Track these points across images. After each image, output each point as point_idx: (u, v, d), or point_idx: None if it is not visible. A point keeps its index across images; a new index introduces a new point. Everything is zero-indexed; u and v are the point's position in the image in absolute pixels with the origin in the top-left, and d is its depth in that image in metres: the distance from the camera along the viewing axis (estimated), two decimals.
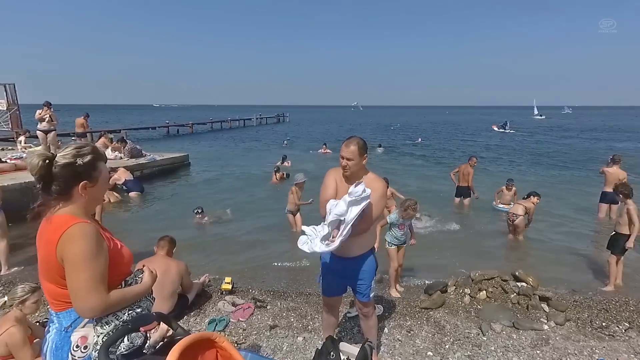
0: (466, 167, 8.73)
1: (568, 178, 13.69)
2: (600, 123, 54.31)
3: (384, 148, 22.41)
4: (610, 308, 4.11)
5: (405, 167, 15.98)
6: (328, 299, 2.99)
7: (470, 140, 29.77)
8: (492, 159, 18.08)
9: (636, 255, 5.21)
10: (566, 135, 33.35)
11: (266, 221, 7.89)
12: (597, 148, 23.31)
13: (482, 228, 7.78)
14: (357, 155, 2.58)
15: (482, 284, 4.40)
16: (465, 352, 3.27)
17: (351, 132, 36.40)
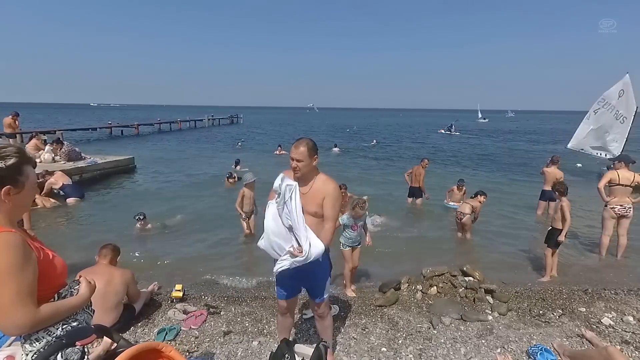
0: (418, 168, 9.06)
1: (510, 177, 14.65)
2: (538, 126, 58.74)
3: (340, 149, 22.76)
4: (546, 297, 4.43)
5: (361, 169, 16.30)
6: (283, 301, 2.96)
7: (421, 142, 30.98)
8: (441, 160, 18.92)
9: (568, 248, 5.66)
10: (508, 138, 35.66)
11: (219, 226, 7.68)
12: (535, 150, 25.20)
13: (433, 226, 8.10)
14: (307, 157, 2.57)
15: (433, 280, 4.58)
16: (417, 345, 3.37)
17: (307, 134, 36.58)
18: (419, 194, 9.14)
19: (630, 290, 4.71)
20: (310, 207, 2.62)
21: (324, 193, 2.62)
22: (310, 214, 2.63)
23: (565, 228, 5.08)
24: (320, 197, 2.62)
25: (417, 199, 9.19)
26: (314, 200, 2.63)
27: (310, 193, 2.64)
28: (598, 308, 4.19)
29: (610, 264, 5.94)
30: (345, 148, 24.16)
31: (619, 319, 3.94)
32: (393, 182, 12.36)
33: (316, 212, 2.62)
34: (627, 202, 5.87)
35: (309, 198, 2.63)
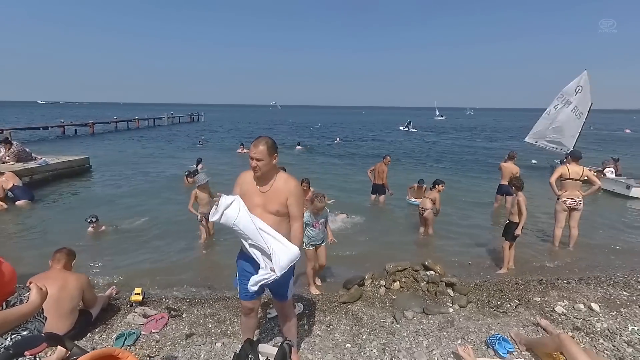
0: (381, 165, 9.18)
1: (468, 173, 15.16)
2: (495, 124, 61.22)
3: (303, 147, 22.79)
4: (504, 288, 4.61)
5: (324, 166, 16.35)
6: (246, 302, 2.90)
7: (381, 139, 31.46)
8: (402, 157, 19.27)
9: (524, 241, 5.90)
10: (467, 135, 36.91)
11: (178, 227, 7.44)
12: (492, 146, 26.22)
13: (396, 223, 8.25)
14: (266, 155, 2.53)
15: (396, 275, 4.64)
16: (381, 340, 3.41)
17: (269, 132, 36.50)
18: (382, 190, 9.28)
19: (581, 279, 4.99)
20: (272, 206, 2.59)
21: (286, 192, 2.58)
22: (272, 213, 2.59)
23: (522, 222, 5.30)
24: (283, 196, 2.58)
25: (381, 195, 9.32)
26: (275, 199, 2.59)
27: (270, 192, 2.60)
28: (552, 297, 4.39)
29: (563, 254, 6.26)
30: (308, 146, 24.22)
31: (571, 307, 4.16)
32: (357, 179, 12.48)
33: (278, 211, 2.58)
34: (577, 195, 6.22)
35: (270, 197, 2.59)
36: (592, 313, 4.02)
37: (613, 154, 15.45)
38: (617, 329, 3.67)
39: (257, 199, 2.60)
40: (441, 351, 3.25)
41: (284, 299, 2.84)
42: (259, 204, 2.59)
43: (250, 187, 2.67)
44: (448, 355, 3.19)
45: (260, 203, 2.60)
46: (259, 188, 2.62)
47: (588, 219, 7.81)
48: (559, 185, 6.31)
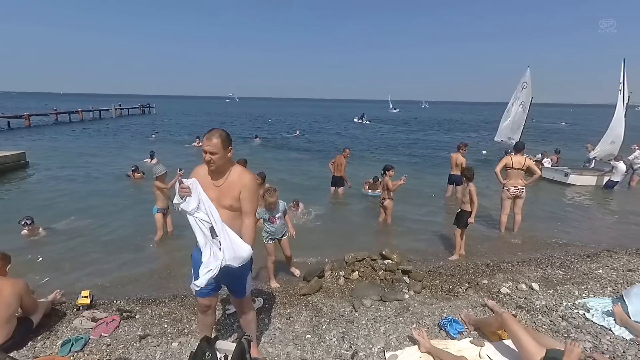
0: (340, 157, 9.27)
1: (421, 164, 15.71)
2: (447, 116, 63.60)
3: (261, 139, 22.54)
4: (455, 273, 4.86)
5: (283, 159, 16.28)
6: (203, 299, 2.84)
7: (339, 132, 31.78)
8: (359, 150, 19.49)
9: (473, 227, 6.19)
10: (420, 128, 38.02)
11: (127, 224, 7.16)
12: (444, 138, 27.28)
13: (355, 214, 8.40)
14: (220, 149, 2.46)
15: (354, 265, 4.74)
16: (340, 329, 3.48)
17: (226, 124, 35.79)
18: (341, 183, 9.39)
19: (523, 261, 5.36)
20: (225, 201, 2.53)
21: (240, 186, 2.54)
22: (225, 208, 2.53)
23: (474, 210, 5.58)
24: (237, 190, 2.53)
25: (340, 187, 9.44)
26: (229, 193, 2.54)
27: (225, 186, 2.55)
28: (498, 279, 4.69)
29: (508, 239, 6.67)
30: (267, 138, 24.01)
31: (515, 287, 4.46)
32: (316, 172, 12.56)
33: (231, 206, 2.54)
34: (520, 183, 6.64)
35: (224, 191, 2.54)
36: (533, 292, 4.34)
37: (552, 145, 16.63)
38: (553, 305, 4.00)
39: (211, 193, 2.54)
40: (397, 336, 3.37)
41: (242, 295, 2.81)
42: (212, 198, 2.53)
43: (204, 181, 2.60)
44: (404, 339, 3.32)
45: (214, 197, 2.53)
46: (213, 182, 2.56)
47: (531, 205, 8.38)
48: (504, 174, 6.71)
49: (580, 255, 5.62)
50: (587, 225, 7.71)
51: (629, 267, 5.14)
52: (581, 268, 5.09)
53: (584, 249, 6.05)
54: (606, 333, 3.47)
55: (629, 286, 4.30)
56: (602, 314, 3.76)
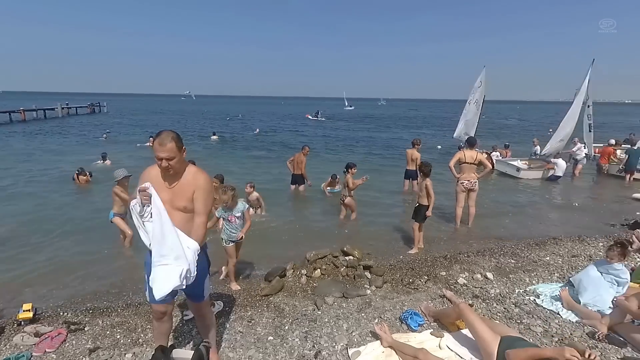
0: (300, 155, 9.22)
1: (378, 160, 15.97)
2: (402, 113, 65.17)
3: (219, 137, 22.08)
4: (415, 266, 4.97)
5: (242, 157, 15.97)
6: (158, 306, 2.69)
7: (297, 130, 31.70)
8: (318, 147, 19.41)
9: (431, 220, 6.36)
10: (372, 125, 38.07)
11: (74, 231, 6.72)
12: (400, 135, 27.92)
13: (316, 211, 8.38)
14: (176, 152, 2.35)
15: (316, 262, 4.73)
16: (303, 328, 3.44)
17: (181, 123, 34.73)
18: (301, 181, 9.35)
19: (478, 252, 5.58)
20: (179, 202, 2.42)
21: (194, 186, 2.43)
22: (179, 210, 2.42)
23: (431, 204, 5.72)
24: (190, 190, 2.43)
25: (300, 185, 9.39)
26: (183, 195, 2.43)
27: (178, 187, 2.43)
28: (455, 270, 4.84)
29: (464, 231, 6.93)
30: (226, 137, 23.51)
31: (471, 277, 4.62)
32: (276, 170, 12.41)
33: (185, 207, 2.43)
34: (473, 177, 6.90)
35: (177, 192, 2.43)
36: (488, 281, 4.52)
37: (502, 140, 17.49)
38: (506, 293, 4.18)
39: (164, 195, 2.42)
40: (360, 332, 3.38)
41: (200, 299, 2.70)
42: (165, 200, 2.41)
43: (156, 183, 2.46)
44: (367, 335, 3.33)
45: (167, 199, 2.41)
46: (166, 183, 2.44)
47: (484, 197, 8.76)
48: (458, 168, 6.95)
49: (530, 244, 5.92)
50: (535, 216, 8.15)
51: (573, 253, 5.49)
52: (531, 256, 5.37)
53: (533, 238, 6.38)
54: (555, 317, 3.68)
55: (574, 271, 4.59)
56: (551, 299, 3.98)
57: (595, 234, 6.51)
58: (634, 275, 4.29)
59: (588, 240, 6.07)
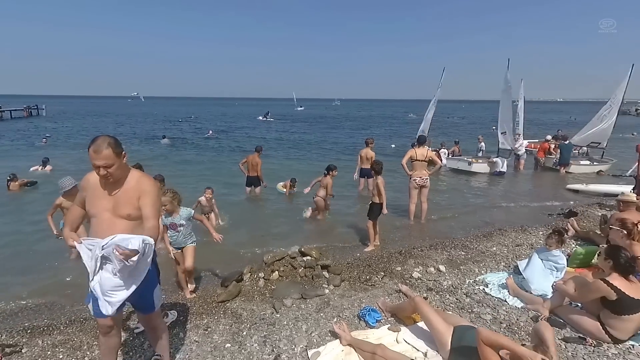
0: (254, 157, 9.05)
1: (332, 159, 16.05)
2: (354, 113, 66.17)
3: (170, 139, 21.30)
4: (371, 263, 5.04)
5: (194, 161, 15.46)
6: (104, 320, 2.52)
7: (251, 130, 31.34)
8: (272, 148, 19.21)
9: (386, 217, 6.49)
10: (322, 126, 38.22)
11: (7, 243, 6.21)
12: (354, 134, 28.38)
13: (272, 213, 8.29)
14: (114, 158, 2.21)
15: (274, 265, 4.67)
16: (262, 333, 3.37)
17: (128, 125, 33.33)
18: (257, 182, 9.19)
19: (431, 246, 5.78)
20: (123, 210, 2.28)
21: (139, 192, 2.30)
22: (123, 217, 2.28)
23: (384, 202, 5.84)
24: (135, 197, 2.30)
25: (256, 187, 9.23)
26: (127, 202, 2.29)
27: (121, 194, 2.29)
28: (410, 265, 4.98)
29: (417, 226, 7.16)
30: (176, 139, 22.70)
31: (425, 271, 4.78)
32: (231, 172, 12.07)
33: (130, 215, 2.29)
34: (424, 174, 7.15)
35: (121, 200, 2.28)
36: (440, 274, 4.69)
37: (449, 138, 18.29)
38: (458, 284, 4.36)
39: (105, 203, 2.27)
40: (319, 332, 3.37)
41: (150, 310, 2.56)
42: (107, 208, 2.26)
43: (97, 190, 2.31)
44: (326, 335, 3.33)
45: (109, 207, 2.27)
46: (107, 190, 2.29)
47: (436, 193, 9.11)
48: (410, 166, 7.17)
49: (478, 236, 6.23)
50: (483, 209, 8.60)
51: (517, 243, 5.85)
52: (479, 247, 5.65)
53: (481, 230, 6.73)
54: (502, 304, 3.88)
55: (518, 259, 4.87)
56: (498, 287, 4.21)
57: (535, 223, 6.98)
58: (570, 261, 4.65)
59: (530, 230, 6.49)
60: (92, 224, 2.37)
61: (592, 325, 3.23)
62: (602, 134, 13.48)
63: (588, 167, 13.07)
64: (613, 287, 3.05)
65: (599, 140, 13.59)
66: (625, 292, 3.03)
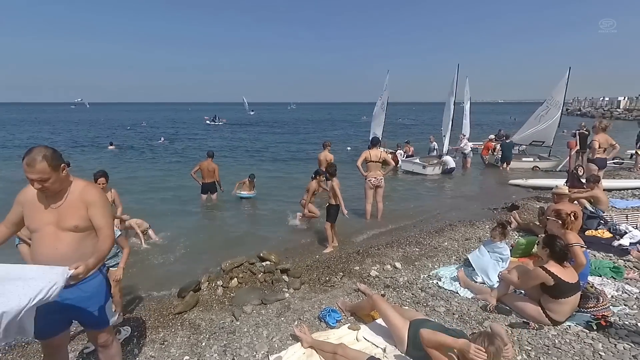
0: (209, 163, 8.81)
1: (288, 162, 16.14)
2: (307, 116, 66.49)
3: (117, 147, 20.34)
4: (330, 264, 5.10)
5: (145, 170, 14.82)
6: (48, 341, 2.37)
7: (203, 135, 30.64)
8: (222, 153, 18.58)
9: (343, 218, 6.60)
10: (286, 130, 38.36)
11: None
12: (310, 137, 28.60)
13: (231, 219, 8.15)
14: (50, 172, 2.06)
15: (233, 272, 4.59)
16: (222, 342, 3.31)
17: (67, 132, 31.55)
18: (213, 189, 8.97)
19: (387, 244, 5.94)
20: (69, 222, 2.16)
21: (85, 203, 2.19)
22: (69, 230, 2.16)
23: (341, 203, 5.94)
24: (82, 208, 2.18)
25: (213, 194, 9.00)
26: (73, 213, 2.17)
27: (65, 206, 2.17)
28: (367, 264, 5.09)
29: (374, 225, 7.33)
30: (124, 147, 21.67)
31: (382, 269, 4.91)
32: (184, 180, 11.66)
33: (77, 226, 2.17)
34: (379, 174, 7.36)
35: (65, 212, 2.16)
36: (397, 271, 4.84)
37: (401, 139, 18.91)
38: (413, 280, 4.53)
39: (48, 216, 2.14)
40: (281, 337, 3.37)
41: (102, 326, 2.43)
42: (50, 222, 2.13)
43: (36, 204, 2.17)
44: (287, 339, 3.33)
45: (53, 220, 2.14)
46: (48, 203, 2.15)
47: (392, 192, 9.38)
48: (365, 167, 7.35)
49: (430, 232, 6.50)
50: (434, 206, 8.98)
51: (466, 237, 6.16)
52: (432, 243, 5.90)
53: (433, 226, 7.02)
54: (454, 296, 4.08)
55: (468, 253, 5.14)
56: (450, 280, 4.42)
57: (482, 218, 7.39)
58: (513, 251, 4.99)
59: (477, 224, 6.87)
60: (34, 240, 2.21)
61: (534, 310, 3.48)
62: (545, 133, 14.47)
63: (530, 164, 14.05)
64: (551, 273, 3.32)
65: (543, 139, 14.61)
66: (561, 277, 3.30)
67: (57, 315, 2.28)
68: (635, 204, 7.51)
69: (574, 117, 47.51)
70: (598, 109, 48.99)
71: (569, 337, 3.24)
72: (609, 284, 4.19)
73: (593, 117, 39.93)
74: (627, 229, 5.57)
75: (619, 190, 8.91)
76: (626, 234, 5.39)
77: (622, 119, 40.43)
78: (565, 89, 13.94)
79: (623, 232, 5.48)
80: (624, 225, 5.71)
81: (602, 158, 7.94)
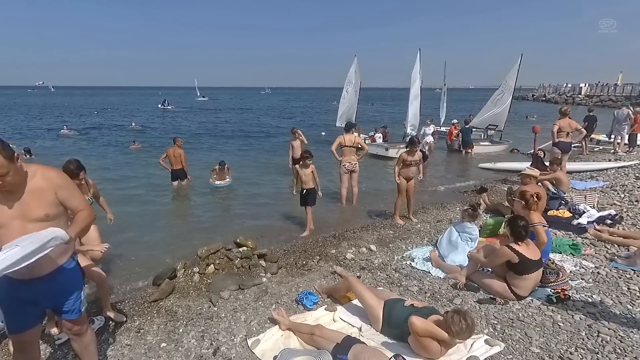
0: (175, 149, 8.59)
1: (258, 148, 15.99)
2: (284, 102, 65.62)
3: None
4: (307, 248, 5.18)
5: (111, 156, 14.34)
6: (20, 335, 2.31)
7: (170, 121, 29.81)
8: (185, 139, 18.15)
9: (320, 202, 6.64)
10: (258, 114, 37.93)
11: None
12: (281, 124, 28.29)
13: (204, 206, 8.03)
14: (7, 165, 1.92)
15: (209, 258, 4.56)
16: (199, 328, 3.33)
17: (36, 117, 29.63)
18: (183, 175, 8.78)
19: (362, 227, 6.07)
20: (37, 212, 2.07)
21: (51, 189, 2.10)
22: (40, 220, 2.07)
23: (318, 187, 5.98)
24: (49, 194, 2.09)
25: (182, 180, 8.82)
26: (40, 202, 2.08)
27: (28, 197, 2.06)
28: (343, 247, 5.19)
29: (349, 209, 7.43)
30: (94, 132, 20.85)
31: (357, 252, 5.02)
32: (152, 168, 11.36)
33: (48, 215, 2.09)
34: (353, 159, 7.42)
35: (29, 202, 2.06)
36: (372, 253, 4.97)
37: (377, 124, 19.10)
38: (388, 261, 4.67)
39: (10, 211, 2.02)
40: (258, 320, 3.42)
41: (75, 315, 2.37)
42: (15, 216, 2.02)
43: None
44: (265, 322, 3.38)
45: (17, 214, 2.03)
46: (8, 197, 2.03)
47: (364, 177, 9.49)
48: (339, 152, 7.40)
49: (404, 215, 6.65)
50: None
51: (438, 219, 6.37)
52: (405, 225, 6.07)
53: (406, 209, 7.17)
54: (426, 276, 4.25)
55: (439, 234, 5.32)
56: (423, 261, 4.57)
57: (453, 200, 7.64)
58: (482, 231, 5.21)
59: (448, 207, 7.11)
60: (0, 237, 2.10)
61: (500, 286, 3.68)
62: (498, 117, 14.97)
63: (488, 148, 14.51)
64: (515, 251, 3.50)
65: (497, 123, 15.10)
66: (525, 254, 3.50)
67: (30, 307, 2.23)
68: (592, 185, 7.96)
69: (539, 103, 49.23)
70: (561, 94, 50.90)
71: (532, 310, 3.45)
72: (568, 260, 4.46)
73: (557, 102, 41.52)
74: (585, 208, 5.92)
75: (579, 173, 9.39)
76: (584, 213, 5.73)
77: (584, 104, 42.24)
78: (517, 75, 14.42)
79: (582, 212, 5.81)
80: (583, 205, 6.06)
81: (567, 142, 8.28)
